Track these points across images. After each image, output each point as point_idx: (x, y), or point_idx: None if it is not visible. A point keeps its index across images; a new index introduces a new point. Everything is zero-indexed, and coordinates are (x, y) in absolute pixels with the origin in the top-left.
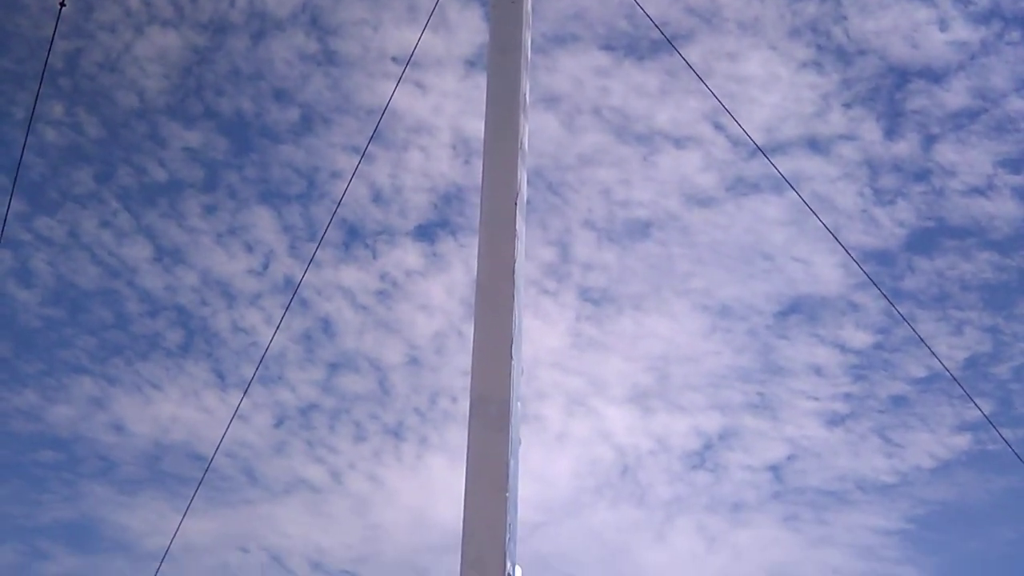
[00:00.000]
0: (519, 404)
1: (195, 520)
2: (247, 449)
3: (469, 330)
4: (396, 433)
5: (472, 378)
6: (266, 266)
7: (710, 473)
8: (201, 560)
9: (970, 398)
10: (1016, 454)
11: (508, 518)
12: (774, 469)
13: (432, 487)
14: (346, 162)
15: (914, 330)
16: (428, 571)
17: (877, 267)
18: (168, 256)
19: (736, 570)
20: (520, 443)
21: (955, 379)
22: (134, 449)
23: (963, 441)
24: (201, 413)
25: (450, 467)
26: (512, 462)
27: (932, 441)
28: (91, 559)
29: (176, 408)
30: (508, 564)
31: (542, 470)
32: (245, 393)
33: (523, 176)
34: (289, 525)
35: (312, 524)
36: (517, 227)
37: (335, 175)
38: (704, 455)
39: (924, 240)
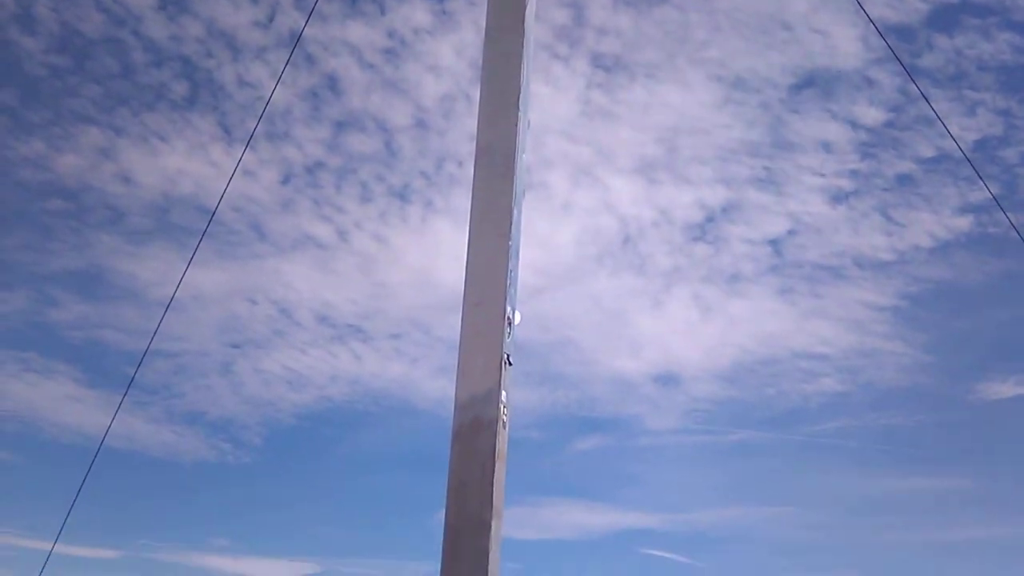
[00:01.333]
0: (524, 156)
1: (204, 272)
2: (255, 204)
3: (477, 93)
4: (402, 195)
5: (478, 127)
6: (271, 18)
7: (710, 245)
8: (210, 310)
9: (980, 177)
10: (1020, 236)
11: (509, 264)
12: (774, 243)
13: (437, 249)
14: None
15: (931, 106)
16: (431, 329)
17: (896, 42)
18: (172, 4)
19: (729, 338)
20: (524, 194)
21: (967, 158)
22: (142, 200)
23: (964, 223)
24: (208, 167)
25: (455, 231)
26: (515, 211)
27: (933, 221)
28: (100, 306)
29: (183, 161)
30: (508, 308)
31: (546, 237)
32: (247, 145)
33: None
34: (296, 280)
35: (319, 280)
36: None
37: None
38: (705, 228)
39: (946, 16)
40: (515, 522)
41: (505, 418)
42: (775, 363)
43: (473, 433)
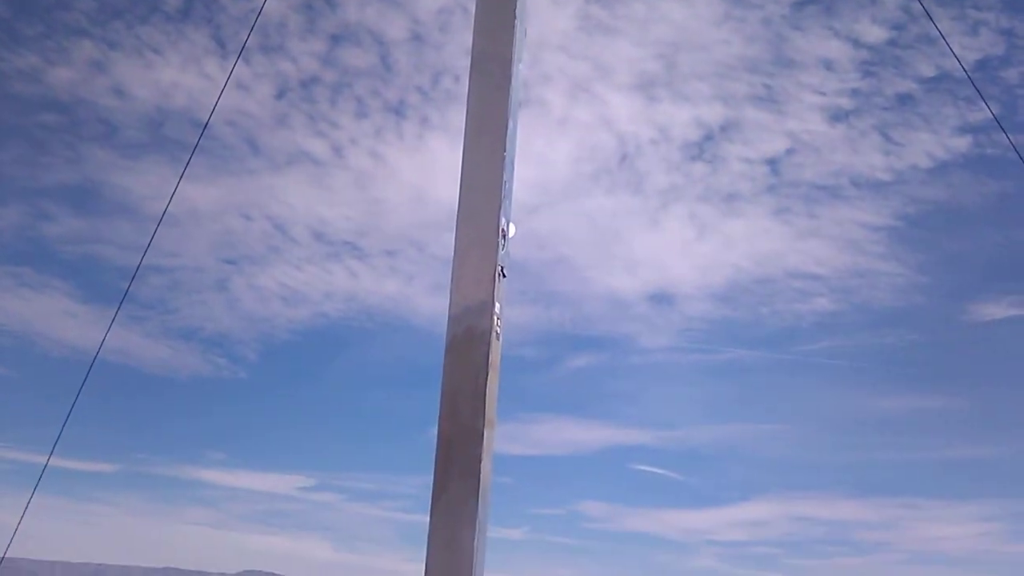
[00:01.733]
0: (520, 66)
1: (199, 186)
2: (249, 119)
3: (474, 6)
4: (397, 111)
5: (474, 35)
6: None
7: (708, 164)
8: (205, 225)
9: (981, 97)
10: (1021, 157)
11: (504, 176)
12: (771, 162)
13: (432, 166)
14: None
15: (934, 24)
16: (426, 246)
17: None
18: None
19: (724, 257)
20: (520, 105)
21: (969, 77)
22: (135, 113)
23: (963, 143)
24: (202, 80)
25: (451, 147)
26: (511, 122)
27: (932, 141)
28: (94, 221)
29: (176, 74)
30: (503, 220)
31: (542, 154)
32: (239, 57)
33: None
34: (292, 196)
35: (314, 196)
36: None
37: None
38: (703, 146)
39: None
40: (508, 438)
41: (499, 329)
42: (769, 282)
43: (467, 344)
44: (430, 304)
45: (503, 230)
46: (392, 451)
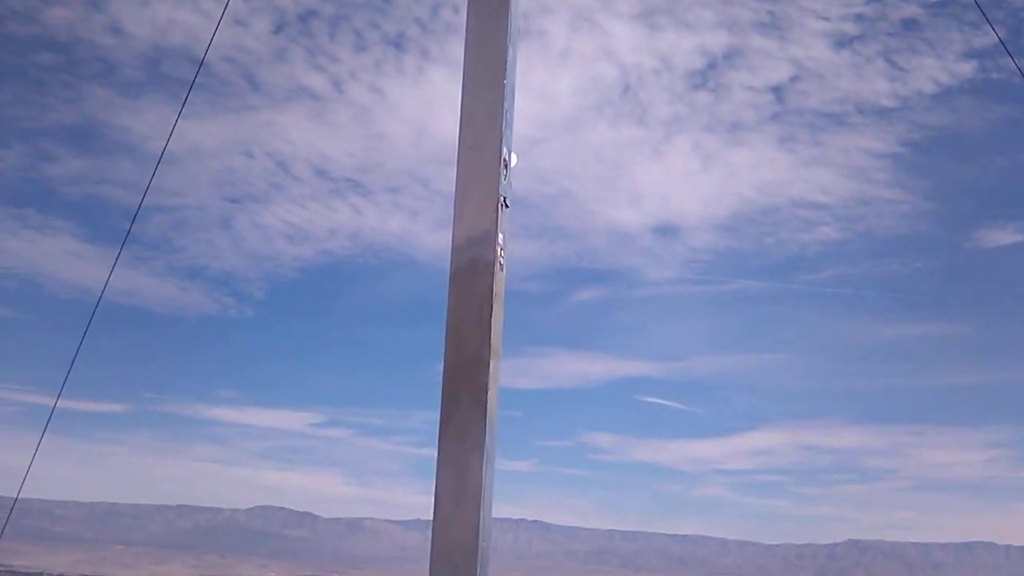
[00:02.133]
0: None
1: (199, 124)
2: (247, 55)
3: None
4: (397, 44)
5: None
6: None
7: (711, 93)
8: (207, 163)
9: (987, 21)
10: None
11: (505, 105)
12: (776, 90)
13: (433, 100)
14: None
15: None
16: (430, 182)
17: None
18: None
19: (729, 187)
20: (520, 33)
21: (975, 1)
22: (133, 51)
23: (968, 68)
24: (197, 16)
25: (451, 80)
26: (511, 50)
27: (937, 67)
28: (96, 161)
29: (172, 10)
30: (504, 150)
31: (544, 87)
32: None
33: None
34: (293, 132)
35: (315, 132)
36: None
37: None
38: (707, 75)
39: None
40: (516, 372)
41: (502, 260)
42: (774, 212)
43: (470, 275)
44: (435, 240)
45: (505, 160)
46: (400, 387)
